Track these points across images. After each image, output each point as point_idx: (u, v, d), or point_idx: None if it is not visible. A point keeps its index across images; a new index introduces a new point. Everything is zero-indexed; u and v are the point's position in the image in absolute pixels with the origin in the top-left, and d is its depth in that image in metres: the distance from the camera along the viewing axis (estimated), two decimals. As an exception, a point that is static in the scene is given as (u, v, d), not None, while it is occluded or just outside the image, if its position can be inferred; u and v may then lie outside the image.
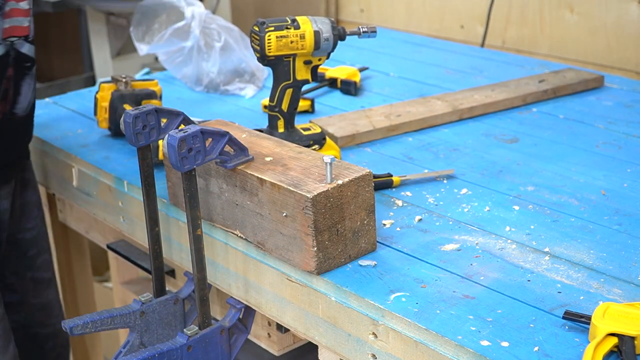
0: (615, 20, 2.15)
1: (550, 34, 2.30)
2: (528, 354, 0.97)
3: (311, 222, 1.11)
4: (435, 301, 1.07)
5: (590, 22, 2.20)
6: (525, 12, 2.35)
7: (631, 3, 2.09)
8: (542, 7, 2.31)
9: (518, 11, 2.35)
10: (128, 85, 1.67)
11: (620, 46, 2.15)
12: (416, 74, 2.05)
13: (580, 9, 2.22)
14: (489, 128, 1.67)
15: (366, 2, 2.78)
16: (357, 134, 1.61)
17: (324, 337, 1.16)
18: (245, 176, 1.20)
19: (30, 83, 1.55)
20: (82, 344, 2.03)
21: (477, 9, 2.46)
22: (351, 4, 2.83)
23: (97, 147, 1.64)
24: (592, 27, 2.20)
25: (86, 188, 1.59)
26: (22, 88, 1.53)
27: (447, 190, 1.39)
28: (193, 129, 1.15)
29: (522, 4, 2.35)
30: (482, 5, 2.44)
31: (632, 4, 2.09)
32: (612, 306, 1.00)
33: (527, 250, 1.19)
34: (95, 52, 2.83)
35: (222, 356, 1.28)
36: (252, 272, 1.24)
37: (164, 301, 1.34)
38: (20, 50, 1.50)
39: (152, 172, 1.28)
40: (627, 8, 2.09)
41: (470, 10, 2.48)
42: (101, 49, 2.83)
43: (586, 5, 2.21)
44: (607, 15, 2.16)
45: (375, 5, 2.14)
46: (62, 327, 1.26)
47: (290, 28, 1.43)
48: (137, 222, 1.47)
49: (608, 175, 1.44)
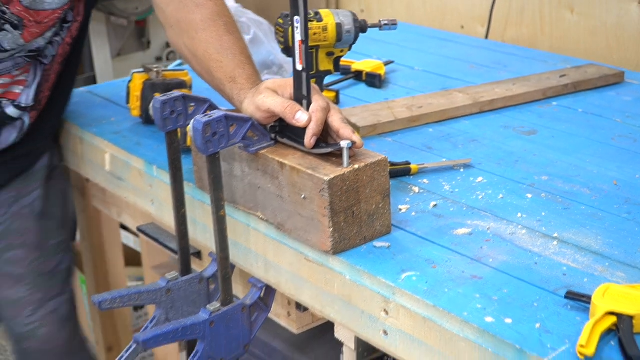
0: (615, 21, 2.16)
1: (550, 34, 2.32)
2: (530, 330, 1.01)
3: (327, 204, 1.17)
4: (444, 280, 1.12)
5: (590, 22, 2.21)
6: (525, 12, 2.36)
7: (632, 3, 2.10)
8: (542, 7, 2.32)
9: (518, 11, 2.37)
10: (159, 75, 1.74)
11: (620, 46, 2.16)
12: (440, 68, 2.10)
13: (581, 9, 2.23)
14: (509, 120, 1.72)
15: (367, 2, 2.81)
16: (379, 124, 1.66)
17: (339, 315, 1.22)
18: (266, 160, 1.26)
19: (12, 131, 1.66)
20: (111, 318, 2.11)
21: (477, 9, 2.48)
22: (351, 3, 2.86)
23: (129, 133, 1.71)
24: (593, 28, 2.21)
25: (118, 172, 1.66)
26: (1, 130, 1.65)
27: (463, 179, 1.44)
28: (217, 115, 1.21)
29: (522, 4, 2.36)
30: (482, 5, 2.46)
31: (632, 4, 2.10)
32: (613, 287, 1.05)
33: (537, 236, 1.24)
34: (96, 53, 2.87)
35: (243, 333, 1.34)
36: (272, 253, 1.30)
37: (189, 280, 1.40)
38: (4, 110, 1.62)
39: (179, 156, 1.35)
40: (627, 8, 2.11)
41: (471, 10, 2.50)
42: (101, 49, 2.88)
43: (586, 6, 2.22)
44: (608, 15, 2.17)
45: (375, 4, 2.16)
46: (92, 301, 1.33)
47: (313, 20, 1.49)
48: (165, 205, 1.53)
49: (621, 167, 1.48)
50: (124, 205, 1.82)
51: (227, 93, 1.36)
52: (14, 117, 1.64)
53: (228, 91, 1.36)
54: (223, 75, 1.37)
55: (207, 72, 1.41)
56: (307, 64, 1.23)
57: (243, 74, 1.35)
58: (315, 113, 1.22)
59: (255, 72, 1.37)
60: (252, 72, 1.36)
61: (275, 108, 1.23)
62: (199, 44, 1.42)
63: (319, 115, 1.22)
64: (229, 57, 1.38)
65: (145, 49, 3.06)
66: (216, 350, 1.30)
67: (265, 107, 1.24)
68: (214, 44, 1.40)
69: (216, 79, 1.39)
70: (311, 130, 1.22)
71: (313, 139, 1.22)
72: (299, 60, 1.24)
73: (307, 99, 1.24)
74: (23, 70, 1.62)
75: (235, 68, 1.36)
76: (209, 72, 1.40)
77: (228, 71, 1.36)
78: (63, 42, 1.66)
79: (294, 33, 1.22)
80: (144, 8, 2.96)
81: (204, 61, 1.41)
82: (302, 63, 1.24)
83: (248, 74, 1.35)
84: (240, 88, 1.33)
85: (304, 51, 1.23)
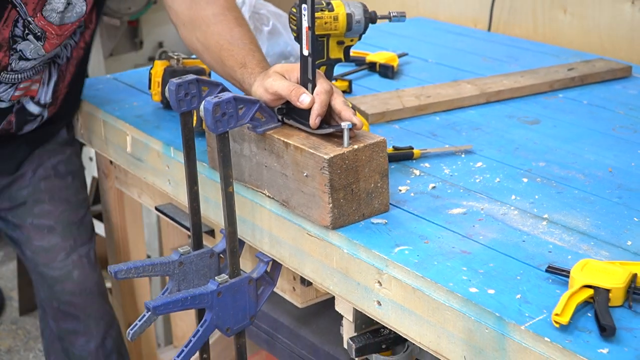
0: (608, 21, 2.18)
1: (543, 34, 2.34)
2: (510, 300, 1.08)
3: (327, 181, 1.24)
4: (434, 254, 1.19)
5: (583, 22, 2.23)
6: (518, 13, 2.39)
7: (625, 3, 2.12)
8: (535, 7, 2.35)
9: (511, 11, 2.40)
10: (179, 62, 1.83)
11: (613, 46, 2.18)
12: (453, 60, 2.16)
13: (574, 10, 2.24)
14: (514, 110, 1.77)
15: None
16: (387, 111, 1.73)
17: (337, 287, 1.29)
18: (273, 140, 1.33)
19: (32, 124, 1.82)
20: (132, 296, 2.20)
21: (469, 10, 2.52)
22: None
23: (150, 117, 1.80)
24: (586, 28, 2.23)
25: (138, 154, 1.75)
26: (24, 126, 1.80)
27: (464, 163, 1.50)
28: (227, 96, 1.29)
29: (515, 4, 2.39)
30: (474, 6, 2.49)
31: (625, 4, 2.11)
32: (591, 262, 1.11)
33: (528, 216, 1.30)
34: (89, 53, 2.93)
35: (249, 305, 1.42)
36: (277, 228, 1.38)
37: (200, 254, 1.48)
38: (24, 105, 1.77)
39: (192, 136, 1.42)
40: (620, 8, 2.12)
41: (463, 11, 2.54)
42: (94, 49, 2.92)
43: (579, 6, 2.23)
44: (601, 15, 2.19)
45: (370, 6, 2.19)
46: (108, 270, 1.41)
47: (324, 10, 1.56)
48: (181, 185, 1.61)
49: (618, 155, 1.53)
50: (143, 186, 1.91)
51: (238, 78, 1.44)
52: (34, 113, 1.80)
53: (239, 76, 1.44)
54: (234, 62, 1.45)
55: (219, 62, 1.50)
56: (313, 50, 1.30)
57: (253, 60, 1.43)
58: (320, 95, 1.30)
59: (264, 59, 1.46)
60: (261, 58, 1.45)
61: (282, 91, 1.31)
62: (211, 36, 1.51)
63: (323, 97, 1.30)
64: (240, 46, 1.47)
65: (138, 49, 3.06)
66: (223, 320, 1.38)
67: (272, 89, 1.32)
68: (225, 35, 1.50)
69: (227, 66, 1.47)
70: (315, 111, 1.29)
71: (318, 119, 1.30)
72: (305, 46, 1.31)
73: (312, 82, 1.31)
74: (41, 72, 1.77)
75: (245, 55, 1.45)
76: (221, 61, 1.49)
77: (239, 58, 1.45)
78: (77, 46, 1.80)
79: (301, 20, 1.30)
80: (137, 8, 2.98)
81: (215, 52, 1.50)
82: (308, 48, 1.31)
83: (258, 60, 1.44)
84: (250, 72, 1.41)
85: (310, 37, 1.30)
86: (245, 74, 1.42)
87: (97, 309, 1.99)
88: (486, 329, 1.06)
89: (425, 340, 1.15)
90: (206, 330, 1.37)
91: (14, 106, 1.76)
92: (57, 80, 1.80)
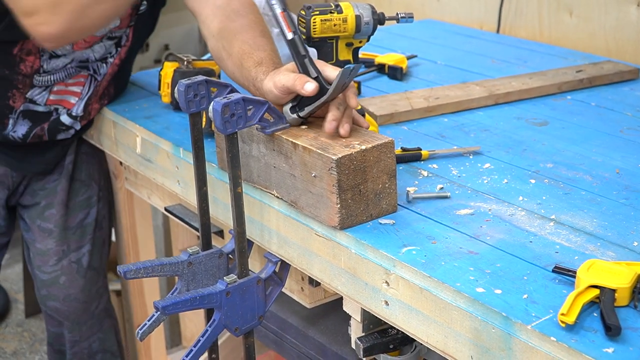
0: (614, 23, 2.17)
1: (549, 36, 2.34)
2: (517, 300, 1.08)
3: (335, 181, 1.25)
4: (441, 255, 1.20)
5: (589, 24, 2.22)
6: (525, 15, 2.39)
7: (630, 5, 2.11)
8: (541, 9, 2.35)
9: (517, 14, 2.40)
10: (189, 64, 1.84)
11: (619, 49, 2.18)
12: (463, 62, 2.16)
13: (579, 12, 2.24)
14: (522, 112, 1.78)
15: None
16: (396, 113, 1.73)
17: (345, 287, 1.30)
18: (281, 141, 1.34)
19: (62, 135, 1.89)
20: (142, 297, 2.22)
21: (475, 12, 2.52)
22: None
23: (159, 118, 1.81)
24: (591, 30, 2.22)
25: (148, 155, 1.76)
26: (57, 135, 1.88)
27: (472, 165, 1.51)
28: (235, 97, 1.30)
29: (521, 7, 2.39)
30: (480, 8, 2.50)
31: (631, 6, 2.11)
32: (598, 262, 1.11)
33: (535, 217, 1.31)
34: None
35: (258, 305, 1.43)
36: (285, 228, 1.39)
37: (209, 254, 1.49)
38: (59, 117, 1.85)
39: (201, 137, 1.44)
40: (626, 10, 2.12)
41: (469, 13, 2.55)
42: None
43: (585, 8, 2.23)
44: (606, 18, 2.18)
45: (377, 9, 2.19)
46: (118, 271, 1.42)
47: (333, 12, 1.57)
48: (190, 186, 1.62)
49: (626, 157, 1.53)
50: (153, 187, 1.92)
51: (252, 76, 1.46)
52: (67, 124, 1.86)
53: (253, 74, 1.46)
54: (252, 62, 1.49)
55: (239, 66, 1.52)
56: (295, 29, 1.35)
57: (270, 61, 1.48)
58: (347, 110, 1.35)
59: (280, 63, 1.49)
60: (278, 61, 1.50)
61: (287, 82, 1.34)
62: (235, 43, 1.55)
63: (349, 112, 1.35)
64: (260, 50, 1.52)
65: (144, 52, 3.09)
66: (232, 320, 1.39)
67: (280, 83, 1.35)
68: (249, 42, 1.54)
69: (245, 68, 1.50)
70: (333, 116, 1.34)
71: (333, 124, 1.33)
72: (287, 29, 1.35)
73: (307, 57, 1.35)
74: (77, 83, 1.83)
75: (264, 57, 1.49)
76: (240, 64, 1.51)
77: (257, 59, 1.49)
78: (112, 63, 1.86)
79: (274, 8, 1.33)
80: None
81: (237, 56, 1.53)
82: (290, 30, 1.34)
83: (274, 61, 1.48)
84: (265, 70, 1.45)
85: (287, 18, 1.34)
86: (260, 71, 1.45)
87: (79, 314, 2.06)
88: (493, 328, 1.06)
89: (433, 340, 1.16)
90: (215, 330, 1.38)
91: (51, 114, 1.83)
92: (91, 94, 1.86)
